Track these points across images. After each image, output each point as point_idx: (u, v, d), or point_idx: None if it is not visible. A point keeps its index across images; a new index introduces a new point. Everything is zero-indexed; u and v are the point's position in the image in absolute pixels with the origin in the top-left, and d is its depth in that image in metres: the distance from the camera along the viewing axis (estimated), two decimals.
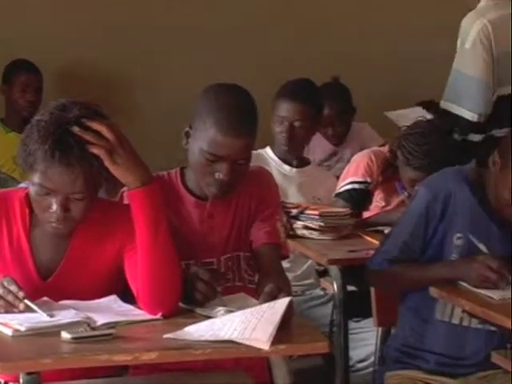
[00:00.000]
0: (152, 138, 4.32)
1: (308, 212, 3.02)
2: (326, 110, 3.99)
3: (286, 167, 3.32)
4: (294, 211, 3.02)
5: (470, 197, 2.39)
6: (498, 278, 2.25)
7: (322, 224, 3.00)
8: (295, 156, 3.34)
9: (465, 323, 2.41)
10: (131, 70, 4.66)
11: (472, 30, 3.44)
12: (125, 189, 2.08)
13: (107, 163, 1.97)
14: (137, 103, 4.67)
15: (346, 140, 4.30)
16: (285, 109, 3.28)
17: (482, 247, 2.34)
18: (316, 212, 3.01)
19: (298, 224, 3.02)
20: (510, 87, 3.52)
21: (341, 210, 3.12)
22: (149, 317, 2.00)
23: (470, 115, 3.45)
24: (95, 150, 1.96)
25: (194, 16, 4.70)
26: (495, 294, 2.23)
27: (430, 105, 4.14)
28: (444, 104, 3.52)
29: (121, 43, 4.58)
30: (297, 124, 3.27)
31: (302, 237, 3.02)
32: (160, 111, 4.56)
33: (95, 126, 1.97)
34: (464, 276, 2.31)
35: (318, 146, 4.20)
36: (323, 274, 3.29)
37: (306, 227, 3.01)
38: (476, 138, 3.53)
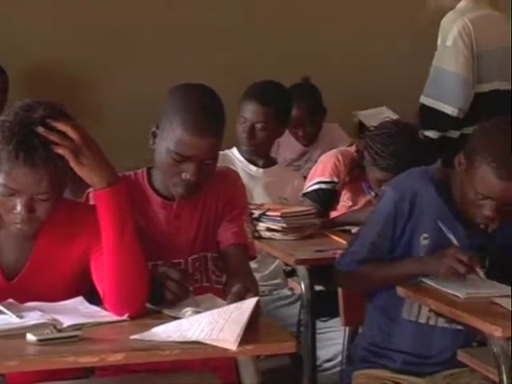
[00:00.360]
0: (119, 138, 4.30)
1: (269, 213, 3.00)
2: (296, 110, 4.01)
3: (253, 167, 3.32)
4: (256, 212, 3.01)
5: (435, 197, 2.40)
6: (467, 271, 2.26)
7: (284, 225, 2.99)
8: (261, 156, 3.34)
9: (431, 322, 2.42)
10: (98, 71, 4.63)
11: (453, 28, 3.50)
12: (91, 189, 2.07)
13: (72, 164, 1.95)
14: (103, 104, 4.64)
15: (316, 140, 4.30)
16: (247, 110, 3.29)
17: (451, 237, 2.34)
18: (277, 213, 2.99)
19: (261, 226, 3.01)
20: (488, 85, 3.57)
21: (303, 208, 3.11)
22: (115, 318, 1.98)
23: (450, 110, 3.50)
24: (60, 151, 1.94)
25: (161, 16, 4.68)
26: (460, 293, 2.23)
27: None
28: (424, 99, 3.55)
29: (87, 43, 4.55)
30: (258, 126, 3.28)
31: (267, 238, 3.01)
32: (127, 111, 4.54)
33: (60, 126, 1.95)
34: (433, 270, 2.30)
35: (289, 146, 4.20)
36: (291, 274, 3.29)
37: (269, 229, 3.00)
38: (455, 134, 3.57)
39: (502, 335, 2.03)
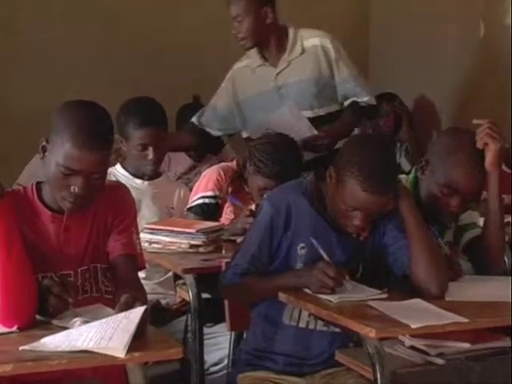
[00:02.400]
0: (10, 152, 4.18)
1: (187, 230, 2.96)
2: None
3: (138, 181, 3.28)
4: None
5: (308, 208, 2.42)
6: (334, 284, 2.29)
7: (205, 240, 2.97)
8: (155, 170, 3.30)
9: (311, 326, 2.44)
10: None
11: (331, 40, 3.66)
12: None
13: None
14: None
15: (206, 156, 4.27)
16: (144, 136, 3.17)
17: (321, 252, 2.37)
18: (192, 230, 2.96)
19: (184, 241, 2.97)
20: None
21: (213, 224, 3.10)
22: (4, 330, 1.93)
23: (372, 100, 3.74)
24: None
25: (51, 28, 4.56)
26: (333, 298, 2.27)
27: None
28: (371, 100, 3.72)
29: None
30: (155, 146, 3.19)
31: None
32: (17, 126, 4.41)
33: None
34: (306, 283, 2.33)
35: (179, 160, 4.17)
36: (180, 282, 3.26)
37: (192, 245, 2.96)
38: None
39: (376, 336, 2.07)
